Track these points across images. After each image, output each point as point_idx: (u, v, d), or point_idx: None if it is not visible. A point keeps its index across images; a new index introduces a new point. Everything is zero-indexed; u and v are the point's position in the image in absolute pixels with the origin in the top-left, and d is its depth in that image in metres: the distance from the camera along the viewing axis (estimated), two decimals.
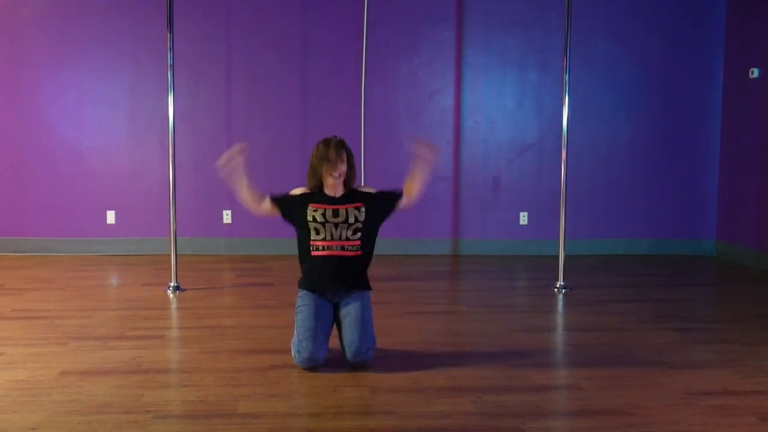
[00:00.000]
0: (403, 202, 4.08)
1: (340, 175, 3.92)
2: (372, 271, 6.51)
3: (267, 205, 4.03)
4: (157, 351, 4.17)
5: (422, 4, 7.22)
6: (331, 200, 3.96)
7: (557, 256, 5.89)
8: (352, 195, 4.01)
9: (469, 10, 7.24)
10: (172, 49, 5.61)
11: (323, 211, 3.92)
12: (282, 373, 3.78)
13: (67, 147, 7.09)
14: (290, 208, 4.01)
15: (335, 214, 3.93)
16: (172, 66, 5.63)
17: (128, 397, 3.43)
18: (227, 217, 7.24)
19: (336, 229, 3.91)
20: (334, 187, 3.97)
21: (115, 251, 7.16)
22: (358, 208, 3.96)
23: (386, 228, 7.23)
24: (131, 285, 5.94)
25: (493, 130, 7.34)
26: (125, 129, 7.14)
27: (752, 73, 6.90)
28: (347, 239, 3.92)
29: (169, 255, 5.72)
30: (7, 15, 6.97)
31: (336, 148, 3.91)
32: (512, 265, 6.93)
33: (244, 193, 4.02)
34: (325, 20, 7.14)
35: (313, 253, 3.94)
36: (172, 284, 5.65)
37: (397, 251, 7.31)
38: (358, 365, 3.84)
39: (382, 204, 4.05)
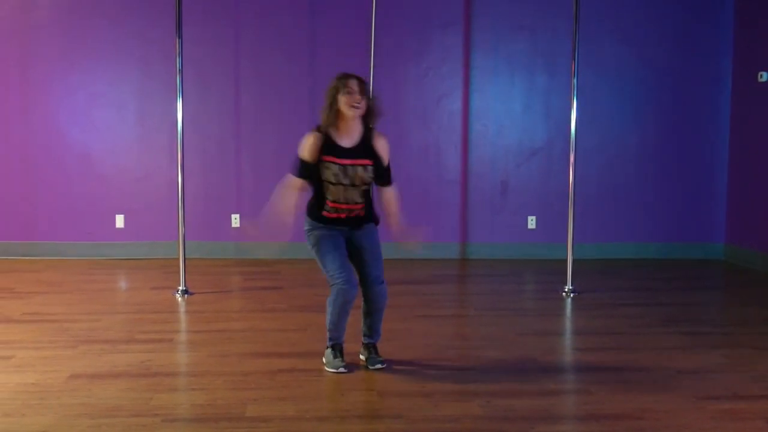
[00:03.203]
0: (380, 188, 3.99)
1: (358, 105, 3.73)
2: None
3: (305, 184, 3.90)
4: (165, 354, 4.18)
5: (430, 8, 7.23)
6: (343, 152, 3.79)
7: (565, 260, 5.87)
8: (367, 143, 3.84)
9: (477, 14, 7.25)
10: (180, 53, 5.63)
11: (335, 169, 3.77)
12: (290, 376, 3.79)
13: (76, 151, 7.12)
14: (309, 173, 3.85)
15: (345, 173, 3.77)
16: (181, 70, 5.65)
17: (137, 400, 3.44)
18: (236, 221, 7.25)
19: (345, 192, 3.80)
20: (350, 128, 3.80)
21: (124, 255, 7.18)
22: (365, 167, 3.81)
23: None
24: (140, 289, 5.95)
25: (501, 134, 7.33)
26: (134, 133, 7.17)
27: (761, 76, 6.87)
28: (355, 203, 3.85)
29: (178, 259, 5.73)
30: (17, 19, 7.01)
31: (356, 78, 3.79)
32: (520, 269, 6.92)
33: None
34: (334, 24, 7.15)
35: (323, 213, 3.85)
36: (180, 288, 5.66)
37: (405, 255, 7.26)
38: (377, 298, 3.90)
39: (379, 174, 3.91)
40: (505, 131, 7.34)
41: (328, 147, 3.81)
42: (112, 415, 3.26)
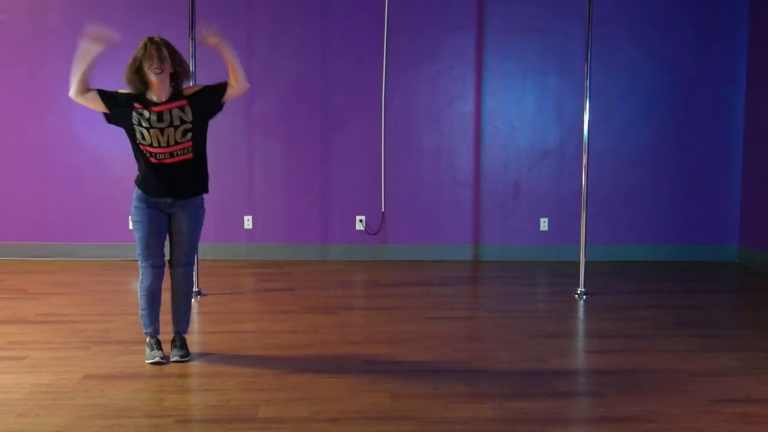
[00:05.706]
0: (230, 91, 4.11)
1: (162, 70, 3.85)
2: (391, 276, 6.55)
3: (93, 95, 4.09)
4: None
5: (442, 10, 7.23)
6: (155, 103, 3.91)
7: (578, 262, 5.86)
8: (177, 96, 3.95)
9: (488, 16, 7.24)
10: (194, 55, 5.66)
11: (148, 115, 3.87)
12: (302, 377, 3.80)
13: (88, 153, 7.16)
14: (116, 106, 3.98)
15: (159, 117, 3.87)
16: (194, 73, 5.67)
17: (150, 401, 3.46)
18: (248, 222, 7.27)
19: (163, 135, 3.88)
20: (158, 87, 3.89)
21: (137, 257, 7.19)
22: (181, 107, 3.91)
23: (405, 233, 7.32)
24: None
25: (513, 136, 7.32)
26: None
27: None
28: (176, 143, 3.91)
29: None
30: (31, 22, 7.06)
31: (157, 44, 3.92)
32: (532, 271, 6.91)
33: (79, 74, 4.12)
34: (346, 27, 7.16)
35: (149, 159, 3.94)
36: (193, 289, 5.68)
37: (417, 256, 7.31)
38: (178, 281, 4.11)
39: (209, 99, 4.04)
40: (517, 133, 7.33)
41: (142, 98, 3.94)
42: (125, 415, 3.28)
